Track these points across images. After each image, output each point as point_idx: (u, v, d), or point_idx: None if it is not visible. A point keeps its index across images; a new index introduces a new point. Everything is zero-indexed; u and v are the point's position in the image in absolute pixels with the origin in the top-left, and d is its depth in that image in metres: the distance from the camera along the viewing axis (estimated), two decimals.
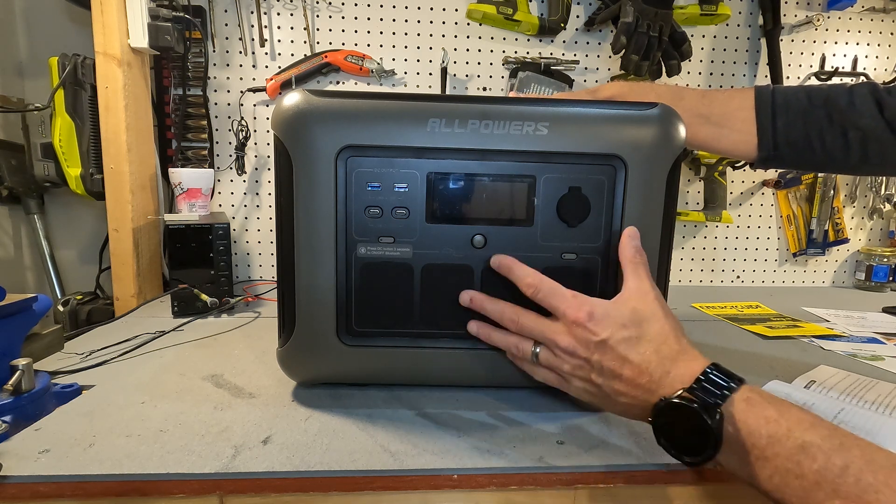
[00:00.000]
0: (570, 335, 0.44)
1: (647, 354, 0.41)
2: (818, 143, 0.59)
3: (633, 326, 0.42)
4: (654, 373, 0.40)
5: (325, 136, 0.48)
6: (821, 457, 0.32)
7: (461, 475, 0.43)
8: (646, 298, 0.44)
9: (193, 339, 0.73)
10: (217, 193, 1.09)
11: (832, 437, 0.33)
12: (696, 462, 0.37)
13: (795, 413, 0.35)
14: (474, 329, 0.51)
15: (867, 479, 0.30)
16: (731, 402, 0.36)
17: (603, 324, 0.42)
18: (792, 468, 0.33)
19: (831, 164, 0.61)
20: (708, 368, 0.39)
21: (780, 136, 0.59)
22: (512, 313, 0.48)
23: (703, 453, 0.36)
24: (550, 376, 0.48)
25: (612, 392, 0.42)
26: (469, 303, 0.50)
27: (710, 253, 1.23)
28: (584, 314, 0.43)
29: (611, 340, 0.42)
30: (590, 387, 0.44)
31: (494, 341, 0.50)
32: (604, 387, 0.43)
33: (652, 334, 0.42)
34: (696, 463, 0.37)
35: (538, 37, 1.11)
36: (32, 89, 1.04)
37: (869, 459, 0.31)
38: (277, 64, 1.06)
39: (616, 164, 0.50)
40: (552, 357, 0.46)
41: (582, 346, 0.43)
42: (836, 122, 0.58)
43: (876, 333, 0.84)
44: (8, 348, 0.51)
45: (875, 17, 1.17)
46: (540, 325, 0.46)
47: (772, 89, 0.61)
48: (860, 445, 0.33)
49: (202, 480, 0.41)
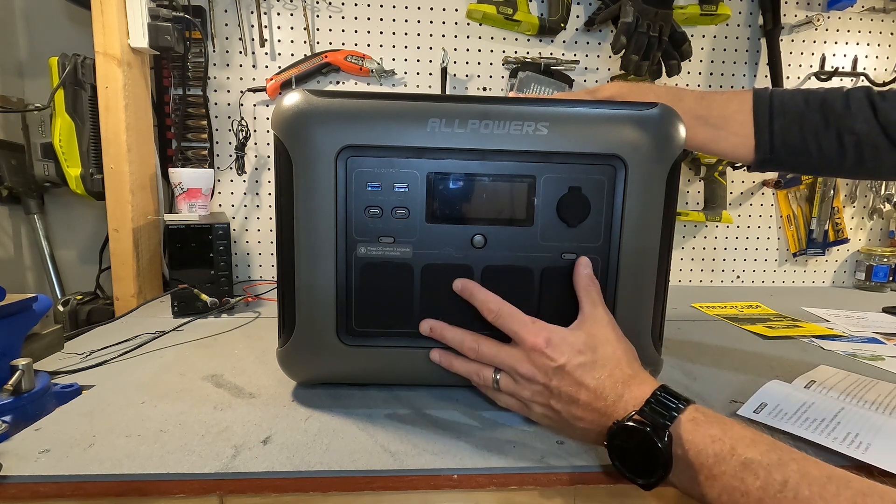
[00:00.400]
0: (529, 361, 0.45)
1: (602, 379, 0.42)
2: (814, 146, 0.59)
3: (589, 352, 0.44)
4: (609, 397, 0.41)
5: (325, 136, 0.48)
6: (762, 473, 0.34)
7: (461, 475, 0.43)
8: (599, 324, 0.46)
9: (193, 339, 0.73)
10: (217, 193, 1.09)
11: (771, 453, 0.35)
12: (649, 484, 0.38)
13: (738, 430, 0.37)
14: (436, 358, 0.51)
15: (804, 493, 0.32)
16: (679, 422, 0.38)
17: (560, 349, 0.44)
18: (738, 486, 0.34)
19: (827, 168, 0.61)
20: (657, 391, 0.40)
21: (777, 139, 0.60)
22: (472, 341, 0.48)
23: (654, 474, 0.37)
24: (512, 402, 0.48)
25: (570, 417, 0.43)
26: (429, 332, 0.50)
27: (710, 253, 1.23)
28: (542, 340, 0.44)
29: (567, 366, 0.43)
30: (550, 412, 0.45)
31: (456, 369, 0.50)
32: (563, 412, 0.44)
33: (605, 359, 0.43)
34: (650, 485, 0.38)
35: (538, 37, 1.11)
36: (32, 89, 1.04)
37: (804, 473, 0.33)
38: (277, 64, 1.06)
39: (616, 164, 0.50)
40: (513, 383, 0.46)
41: (541, 372, 0.44)
42: (831, 125, 0.58)
43: (876, 333, 0.84)
44: (8, 348, 0.51)
45: (875, 17, 1.17)
46: (500, 353, 0.47)
47: (770, 92, 0.61)
48: (796, 459, 0.34)
49: (202, 480, 0.41)
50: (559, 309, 0.50)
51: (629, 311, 0.52)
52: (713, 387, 0.60)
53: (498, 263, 0.51)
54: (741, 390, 0.59)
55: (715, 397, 0.57)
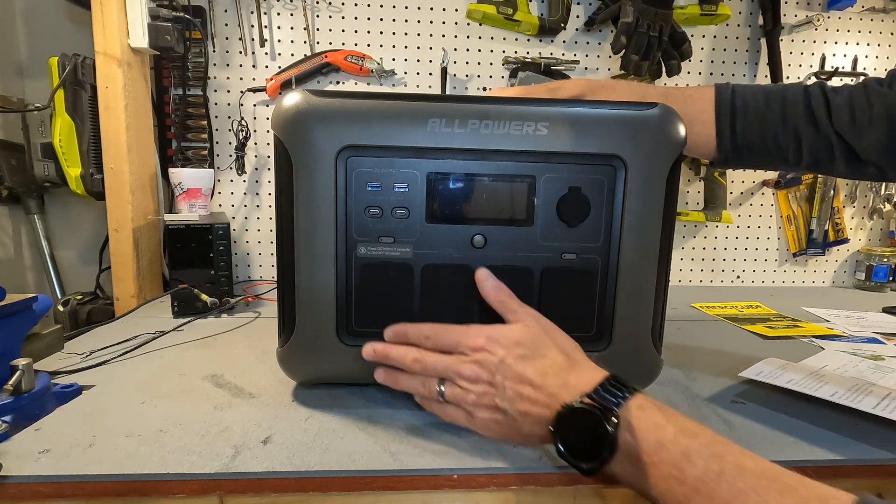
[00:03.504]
0: (471, 361, 0.44)
1: (544, 368, 0.42)
2: (773, 146, 0.60)
3: (529, 343, 0.44)
4: (553, 385, 0.41)
5: (325, 136, 0.48)
6: (700, 463, 0.34)
7: (461, 475, 0.43)
8: (528, 322, 0.46)
9: (193, 339, 0.73)
10: (217, 193, 1.09)
11: (711, 445, 0.35)
12: (591, 469, 0.38)
13: (681, 420, 0.37)
14: (381, 377, 0.50)
15: (738, 485, 0.33)
16: (628, 407, 0.38)
17: (500, 343, 0.44)
18: (676, 474, 0.35)
19: (785, 166, 0.62)
20: (607, 377, 0.40)
21: (739, 138, 0.60)
22: (416, 354, 0.47)
23: (599, 457, 0.37)
24: (458, 414, 0.46)
25: (516, 414, 0.42)
26: (373, 355, 0.49)
27: (710, 253, 1.23)
28: (482, 339, 0.44)
29: (508, 359, 0.43)
30: (496, 415, 0.43)
31: (402, 386, 0.49)
32: (509, 410, 0.42)
33: (546, 349, 0.44)
34: (592, 470, 0.38)
35: (538, 37, 1.11)
36: (32, 89, 1.04)
37: (740, 466, 0.34)
38: (277, 64, 1.06)
39: (616, 164, 0.50)
40: (457, 391, 0.45)
41: (484, 370, 0.43)
42: (789, 124, 0.58)
43: (876, 333, 0.84)
44: (8, 348, 0.51)
45: (875, 17, 1.17)
46: (443, 360, 0.46)
47: (731, 90, 0.61)
48: (733, 452, 0.35)
49: (202, 480, 0.41)
50: (559, 309, 0.50)
51: (629, 310, 0.52)
52: (713, 387, 0.60)
53: (498, 264, 0.51)
54: (741, 390, 0.59)
55: (715, 397, 0.57)
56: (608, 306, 0.52)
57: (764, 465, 0.34)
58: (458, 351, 0.46)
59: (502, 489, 0.43)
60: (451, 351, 0.46)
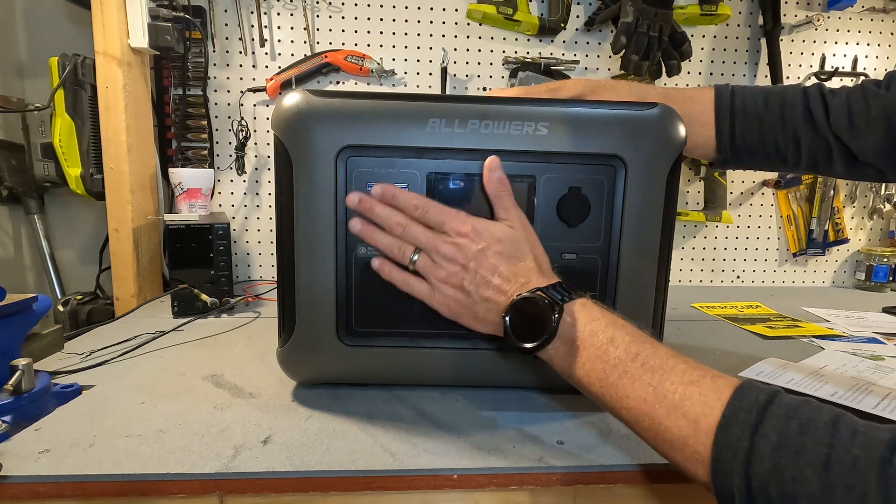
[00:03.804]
0: (452, 244, 0.47)
1: (516, 268, 0.46)
2: (772, 147, 0.60)
3: (508, 242, 0.47)
4: (519, 281, 0.45)
5: (325, 136, 0.48)
6: (622, 346, 0.39)
7: (461, 475, 0.43)
8: (515, 224, 0.48)
9: (193, 339, 0.73)
10: (217, 193, 1.09)
11: (635, 334, 0.41)
12: (532, 349, 0.43)
13: (613, 316, 0.42)
14: (357, 227, 0.50)
15: (650, 363, 0.38)
16: (572, 303, 0.43)
17: (483, 235, 0.47)
18: (600, 356, 0.40)
19: (786, 167, 0.62)
20: (560, 282, 0.45)
21: (738, 140, 0.61)
22: (401, 218, 0.49)
23: (539, 338, 0.42)
24: (420, 286, 0.49)
25: (478, 298, 0.46)
26: (356, 204, 0.49)
27: (710, 253, 1.23)
28: (468, 227, 0.47)
29: (488, 251, 0.46)
30: (459, 294, 0.47)
31: (376, 240, 0.50)
32: (472, 293, 0.46)
33: (522, 253, 0.47)
34: (533, 349, 0.43)
35: (538, 37, 1.11)
36: (32, 89, 1.04)
37: (655, 351, 0.39)
38: (277, 64, 1.06)
39: (616, 164, 0.50)
40: (429, 264, 0.48)
41: (461, 253, 0.46)
42: (788, 126, 0.59)
43: (876, 333, 0.84)
44: (8, 348, 0.51)
45: (875, 17, 1.17)
46: (426, 233, 0.48)
47: (731, 91, 0.61)
48: (652, 342, 0.40)
49: (202, 480, 0.41)
50: None
51: (629, 310, 0.52)
52: None
53: None
54: None
55: None
56: (608, 306, 0.52)
57: (676, 353, 0.39)
58: (441, 230, 0.48)
59: (502, 489, 0.43)
60: (436, 228, 0.48)
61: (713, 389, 0.35)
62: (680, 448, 0.35)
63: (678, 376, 0.36)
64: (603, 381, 0.39)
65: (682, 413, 0.35)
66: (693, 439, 0.34)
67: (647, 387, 0.37)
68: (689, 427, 0.34)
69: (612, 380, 0.39)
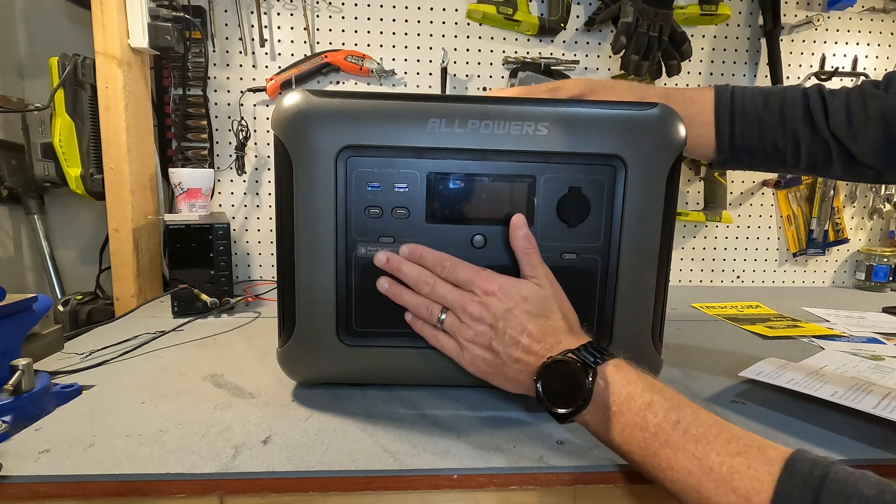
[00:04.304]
0: (479, 303, 0.47)
1: (545, 327, 0.46)
2: (771, 148, 0.60)
3: (536, 301, 0.47)
4: (548, 342, 0.45)
5: (325, 136, 0.48)
6: (661, 413, 0.38)
7: (461, 475, 0.43)
8: (542, 282, 0.48)
9: (193, 339, 0.73)
10: (217, 193, 1.09)
11: (673, 399, 0.39)
12: (567, 414, 0.41)
13: (650, 379, 0.41)
14: (385, 287, 0.51)
15: (692, 431, 0.36)
16: (605, 364, 0.42)
17: (511, 293, 0.46)
18: (639, 422, 0.38)
19: (785, 168, 0.62)
20: (591, 342, 0.45)
21: (737, 140, 0.61)
22: (428, 277, 0.49)
23: (574, 404, 0.41)
24: (450, 344, 0.49)
25: (507, 359, 0.46)
26: (384, 263, 0.50)
27: (710, 253, 1.23)
28: (495, 286, 0.47)
29: (515, 310, 0.46)
30: (487, 354, 0.47)
31: (404, 300, 0.50)
32: (501, 354, 0.46)
33: (550, 311, 0.47)
34: (568, 415, 0.41)
35: (538, 37, 1.11)
36: (32, 89, 1.04)
37: (696, 417, 0.37)
38: (277, 64, 1.06)
39: (616, 164, 0.50)
40: (457, 323, 0.48)
41: (489, 313, 0.46)
42: (787, 127, 0.59)
43: (876, 333, 0.84)
44: (8, 348, 0.51)
45: (875, 17, 1.17)
46: (453, 292, 0.48)
47: (731, 92, 0.61)
48: (692, 407, 0.39)
49: (202, 480, 0.41)
50: None
51: (629, 311, 0.52)
52: (713, 387, 0.60)
53: (498, 264, 0.51)
54: (741, 390, 0.59)
55: (715, 397, 0.57)
56: (608, 306, 0.52)
57: (717, 418, 0.38)
58: (468, 288, 0.48)
59: (502, 489, 0.43)
60: (463, 287, 0.48)
61: (762, 462, 0.33)
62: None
63: (723, 446, 0.35)
64: (644, 449, 0.38)
65: (732, 489, 0.33)
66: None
67: (692, 458, 0.35)
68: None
69: (653, 449, 0.37)
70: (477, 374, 0.49)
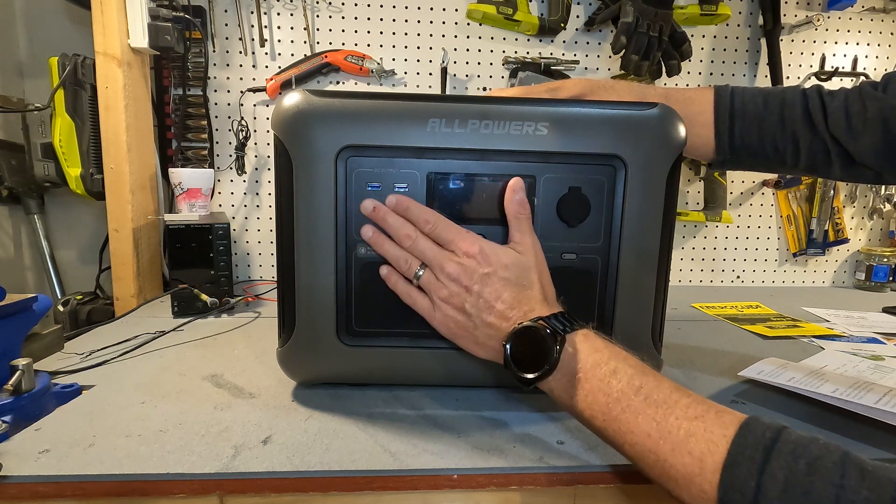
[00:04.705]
0: (458, 263, 0.46)
1: (520, 295, 0.45)
2: (771, 149, 0.60)
3: (515, 269, 0.46)
4: (522, 309, 0.45)
5: (325, 136, 0.48)
6: (625, 379, 0.39)
7: (461, 475, 0.43)
8: (527, 251, 0.48)
9: (193, 339, 0.73)
10: (217, 193, 1.09)
11: (638, 367, 0.40)
12: (534, 378, 0.42)
13: (616, 348, 0.42)
14: (368, 234, 0.50)
15: (653, 397, 0.37)
16: (574, 333, 0.43)
17: (490, 259, 0.46)
18: (603, 388, 0.39)
19: (784, 169, 0.62)
20: (562, 311, 0.45)
21: (737, 141, 0.61)
22: (411, 230, 0.49)
23: (541, 370, 0.41)
24: (423, 302, 0.49)
25: (479, 323, 0.46)
26: (371, 211, 0.50)
27: (710, 253, 1.23)
28: (476, 248, 0.46)
29: (493, 276, 0.46)
30: (459, 315, 0.47)
31: (385, 250, 0.50)
32: (473, 316, 0.46)
33: (528, 282, 0.46)
34: (534, 380, 0.42)
35: (538, 37, 1.11)
36: (32, 89, 1.04)
37: (658, 384, 0.38)
38: (277, 64, 1.06)
39: (616, 164, 0.50)
40: (433, 280, 0.48)
41: (466, 275, 0.46)
42: (787, 127, 0.59)
43: (876, 333, 0.84)
44: (8, 348, 0.51)
45: (875, 17, 1.17)
46: (434, 249, 0.48)
47: (731, 92, 0.61)
48: (655, 375, 0.39)
49: (202, 480, 0.41)
50: None
51: (629, 311, 0.52)
52: (713, 387, 0.60)
53: None
54: (741, 390, 0.59)
55: (715, 397, 0.57)
56: (608, 306, 0.52)
57: (678, 386, 0.38)
58: (449, 248, 0.48)
59: (502, 489, 0.43)
60: (444, 245, 0.48)
61: (718, 425, 0.34)
62: (685, 486, 0.34)
63: (682, 411, 0.36)
64: (605, 414, 0.38)
65: (688, 451, 0.34)
66: (699, 478, 0.33)
67: (651, 422, 0.36)
68: (694, 465, 0.33)
69: (614, 413, 0.38)
70: (446, 334, 0.49)
